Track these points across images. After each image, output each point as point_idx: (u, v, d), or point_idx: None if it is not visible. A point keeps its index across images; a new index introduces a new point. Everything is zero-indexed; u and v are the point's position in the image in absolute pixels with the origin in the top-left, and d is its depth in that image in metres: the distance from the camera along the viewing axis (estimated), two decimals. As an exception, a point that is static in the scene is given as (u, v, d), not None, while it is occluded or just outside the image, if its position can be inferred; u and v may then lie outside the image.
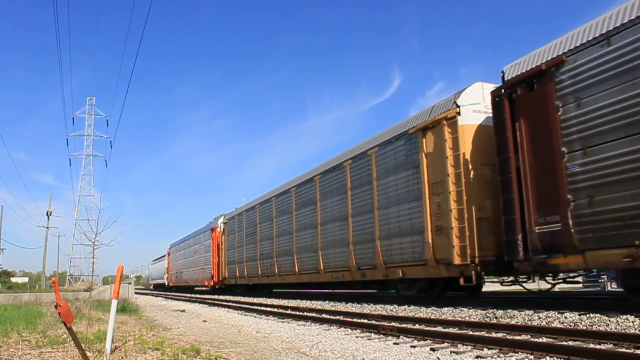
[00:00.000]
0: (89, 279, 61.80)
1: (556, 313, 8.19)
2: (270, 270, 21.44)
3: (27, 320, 8.81)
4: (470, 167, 10.71)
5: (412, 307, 11.80)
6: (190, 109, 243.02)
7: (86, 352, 5.17)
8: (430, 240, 11.42)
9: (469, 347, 6.02)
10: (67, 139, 73.63)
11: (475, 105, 11.08)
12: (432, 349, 6.04)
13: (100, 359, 5.28)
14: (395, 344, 6.69)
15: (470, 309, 10.12)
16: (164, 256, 53.46)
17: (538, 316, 8.15)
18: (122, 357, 5.37)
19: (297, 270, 18.72)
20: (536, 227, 8.96)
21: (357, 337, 7.56)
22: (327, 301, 15.94)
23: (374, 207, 13.66)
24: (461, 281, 10.69)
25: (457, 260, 10.53)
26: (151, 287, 67.41)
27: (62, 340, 6.53)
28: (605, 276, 21.06)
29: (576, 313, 7.99)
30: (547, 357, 5.11)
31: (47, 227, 51.52)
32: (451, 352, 5.80)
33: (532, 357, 5.22)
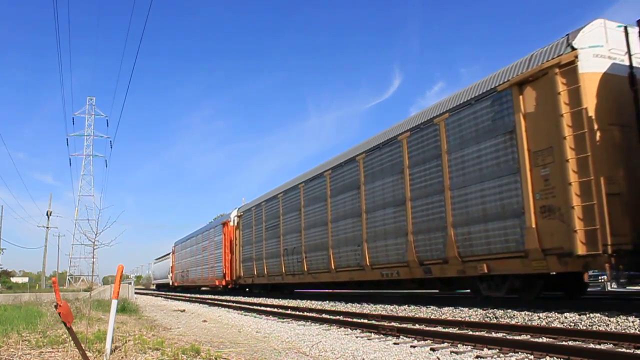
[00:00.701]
0: (89, 279, 61.80)
1: (556, 313, 8.20)
2: (298, 267, 18.58)
3: (27, 320, 8.81)
4: (596, 127, 8.46)
5: (412, 307, 11.80)
6: (190, 109, 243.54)
7: (86, 352, 5.17)
8: (533, 225, 9.06)
9: (469, 347, 6.02)
10: (67, 139, 73.71)
11: (597, 49, 8.92)
12: (432, 349, 6.04)
13: (100, 359, 5.28)
14: (395, 344, 6.69)
15: (470, 309, 10.12)
16: (168, 255, 51.36)
17: (538, 316, 8.16)
18: (122, 357, 5.37)
19: (333, 267, 15.94)
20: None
21: (357, 337, 7.56)
22: (327, 301, 15.93)
23: (445, 187, 11.31)
24: (585, 277, 8.99)
25: (581, 250, 8.18)
26: (153, 287, 66.11)
27: (62, 340, 6.53)
28: (605, 276, 21.04)
29: (576, 313, 7.99)
30: (547, 357, 5.11)
31: (47, 227, 51.53)
32: (451, 352, 5.80)
33: (532, 357, 5.22)
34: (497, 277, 10.60)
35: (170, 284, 47.49)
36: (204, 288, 39.50)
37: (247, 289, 28.45)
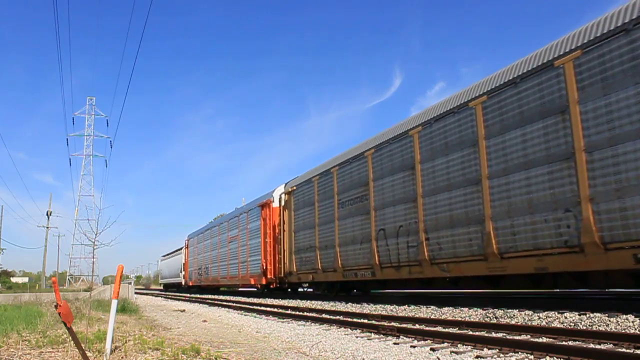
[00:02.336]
0: (89, 279, 61.86)
1: (556, 313, 8.20)
2: (412, 255, 12.35)
3: (27, 320, 8.81)
4: None
5: (412, 307, 11.80)
6: (190, 108, 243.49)
7: (86, 352, 5.17)
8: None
9: (469, 347, 6.02)
10: (67, 139, 74.24)
11: None
12: (432, 349, 6.04)
13: (100, 359, 5.28)
14: (395, 344, 6.69)
15: (470, 309, 10.12)
16: (179, 250, 44.96)
17: (538, 316, 8.16)
18: (122, 357, 5.37)
19: (495, 248, 10.01)
20: None
21: (357, 337, 7.56)
22: (327, 301, 15.94)
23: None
24: None
25: None
26: (160, 287, 61.21)
27: (62, 340, 6.53)
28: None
29: (576, 313, 7.99)
30: (547, 357, 5.11)
31: (47, 227, 51.59)
32: (451, 352, 5.80)
33: (532, 357, 5.23)
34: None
35: (183, 283, 41.29)
36: (236, 288, 34.60)
37: (303, 289, 23.04)
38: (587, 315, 7.64)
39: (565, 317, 7.72)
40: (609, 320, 7.09)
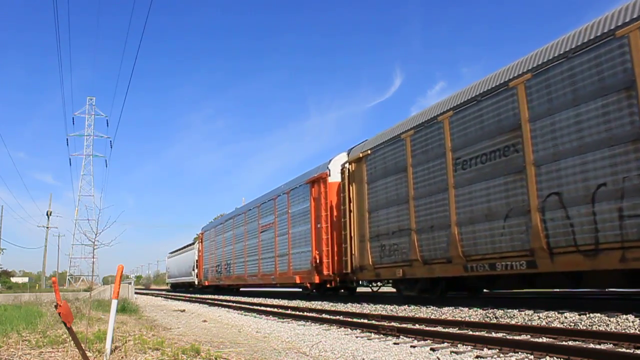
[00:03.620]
0: (89, 279, 61.88)
1: (556, 313, 8.20)
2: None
3: (27, 320, 8.81)
4: None
5: (412, 307, 11.81)
6: (190, 108, 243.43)
7: (86, 352, 5.17)
8: None
9: (469, 347, 6.02)
10: (67, 139, 74.16)
11: None
12: (432, 349, 6.04)
13: (100, 359, 5.28)
14: (395, 344, 6.69)
15: (470, 309, 10.12)
16: (191, 245, 41.00)
17: (538, 316, 8.16)
18: (122, 357, 5.37)
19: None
20: None
21: (357, 337, 7.56)
22: (327, 301, 15.94)
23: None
24: None
25: None
26: (167, 287, 56.76)
27: (62, 340, 6.53)
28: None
29: (576, 313, 7.99)
30: (547, 357, 5.11)
31: (47, 227, 51.60)
32: (451, 352, 5.80)
33: (532, 357, 5.23)
34: None
35: (196, 283, 36.41)
36: (270, 288, 28.93)
37: (372, 289, 19.01)
38: (587, 315, 7.64)
39: (565, 317, 7.72)
40: (609, 320, 7.09)
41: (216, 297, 25.17)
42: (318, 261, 16.92)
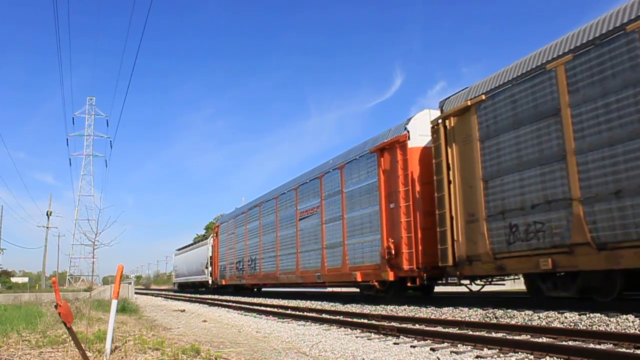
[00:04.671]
0: (89, 279, 61.90)
1: (556, 313, 8.20)
2: None
3: (27, 320, 8.82)
4: None
5: (412, 307, 11.81)
6: (190, 108, 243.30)
7: (86, 352, 5.17)
8: None
9: (469, 347, 6.02)
10: (67, 139, 74.13)
11: None
12: (432, 349, 6.04)
13: (100, 359, 5.28)
14: (395, 344, 6.69)
15: (470, 309, 10.12)
16: (203, 240, 37.48)
17: (538, 316, 8.16)
18: (122, 357, 5.37)
19: None
20: None
21: (357, 337, 7.56)
22: (327, 301, 15.95)
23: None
24: None
25: None
26: (174, 287, 51.89)
27: (62, 340, 6.53)
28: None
29: (576, 313, 7.99)
30: (547, 357, 5.11)
31: (47, 227, 51.63)
32: (451, 352, 5.80)
33: (532, 357, 5.23)
34: None
35: (210, 282, 32.26)
36: (297, 288, 25.45)
37: (478, 285, 12.66)
38: (587, 315, 7.64)
39: (565, 317, 7.72)
40: (609, 320, 7.09)
41: (216, 297, 25.08)
42: (393, 252, 12.75)
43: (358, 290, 17.16)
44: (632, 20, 8.04)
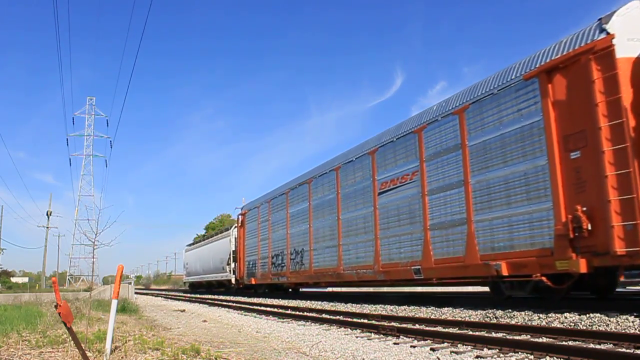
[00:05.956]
0: (89, 279, 61.84)
1: (556, 313, 8.20)
2: None
3: (27, 320, 8.81)
4: None
5: (412, 307, 11.81)
6: (190, 108, 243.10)
7: (86, 352, 5.17)
8: None
9: (469, 347, 6.02)
10: (67, 139, 74.05)
11: None
12: (432, 349, 6.04)
13: (100, 359, 5.28)
14: (395, 344, 6.69)
15: (470, 309, 10.12)
16: (222, 232, 32.23)
17: (538, 316, 8.16)
18: (122, 357, 5.37)
19: None
20: None
21: (357, 337, 7.56)
22: (327, 301, 15.94)
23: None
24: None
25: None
26: (185, 287, 47.26)
27: (62, 340, 6.53)
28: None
29: (576, 313, 7.99)
30: (547, 357, 5.11)
31: (47, 227, 51.62)
32: (451, 352, 5.80)
33: (532, 357, 5.23)
34: None
35: (232, 281, 27.60)
36: (370, 287, 21.08)
37: None
38: (587, 315, 7.64)
39: (565, 317, 7.72)
40: (609, 320, 7.09)
41: (215, 297, 25.02)
42: (585, 226, 8.16)
43: (490, 289, 11.43)
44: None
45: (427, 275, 11.96)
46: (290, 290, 23.99)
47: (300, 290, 24.10)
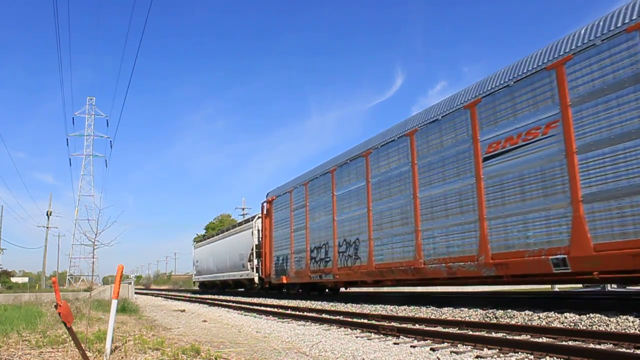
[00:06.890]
0: (89, 279, 61.87)
1: (556, 313, 8.20)
2: None
3: (27, 320, 8.81)
4: None
5: (412, 307, 11.81)
6: (190, 108, 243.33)
7: (86, 352, 5.17)
8: None
9: (469, 347, 6.02)
10: (67, 139, 74.31)
11: None
12: (432, 349, 6.04)
13: (100, 359, 5.28)
14: (395, 344, 6.69)
15: (470, 309, 10.12)
16: (243, 224, 27.96)
17: (538, 316, 8.16)
18: (122, 357, 5.37)
19: None
20: None
21: (357, 337, 7.56)
22: (327, 301, 15.93)
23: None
24: None
25: None
26: (195, 287, 42.78)
27: (62, 340, 6.53)
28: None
29: (576, 313, 7.99)
30: (547, 357, 5.11)
31: (47, 227, 51.62)
32: (451, 352, 5.80)
33: (532, 357, 5.22)
34: None
35: (256, 280, 23.98)
36: (468, 285, 16.13)
37: None
38: (587, 315, 7.64)
39: (565, 317, 7.72)
40: (609, 320, 7.09)
41: (216, 297, 24.96)
42: None
43: None
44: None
45: (578, 268, 8.50)
46: (327, 290, 20.12)
47: (348, 290, 19.66)
